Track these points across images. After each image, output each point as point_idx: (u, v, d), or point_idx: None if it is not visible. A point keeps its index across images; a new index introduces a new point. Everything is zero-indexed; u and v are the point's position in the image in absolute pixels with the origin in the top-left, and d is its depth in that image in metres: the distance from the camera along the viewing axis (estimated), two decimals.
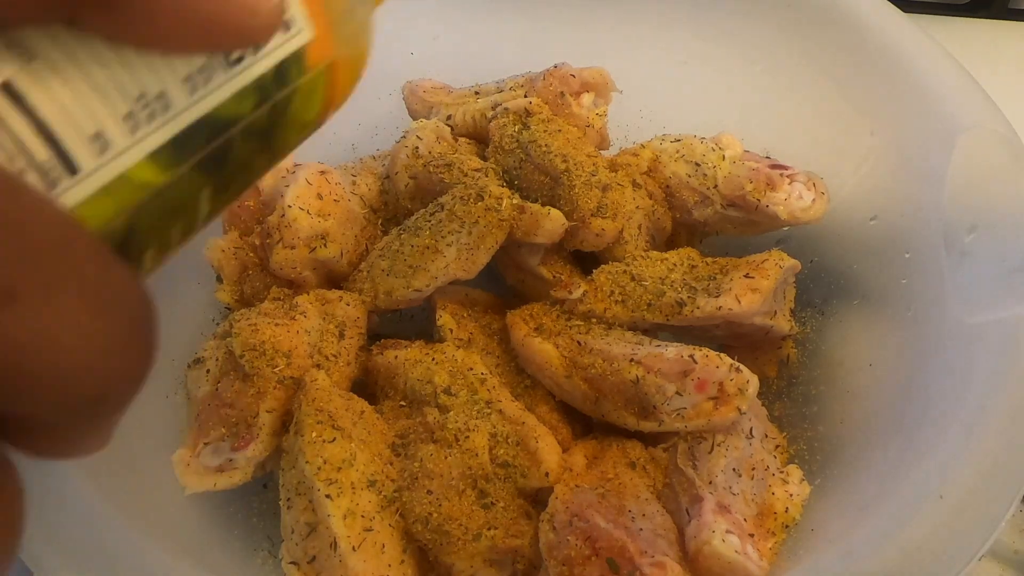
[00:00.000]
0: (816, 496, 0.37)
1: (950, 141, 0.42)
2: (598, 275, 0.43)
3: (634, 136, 0.52)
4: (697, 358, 0.37)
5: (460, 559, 0.35)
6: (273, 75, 0.20)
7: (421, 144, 0.47)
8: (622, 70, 0.49)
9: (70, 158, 0.16)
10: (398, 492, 0.36)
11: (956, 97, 0.43)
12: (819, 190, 0.44)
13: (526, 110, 0.45)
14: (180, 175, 0.18)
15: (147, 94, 0.17)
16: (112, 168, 0.17)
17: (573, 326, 0.42)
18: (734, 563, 0.33)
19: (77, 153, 0.16)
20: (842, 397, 0.42)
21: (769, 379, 0.45)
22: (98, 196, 0.17)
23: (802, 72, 0.51)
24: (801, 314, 0.46)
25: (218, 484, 0.36)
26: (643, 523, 0.35)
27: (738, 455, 0.37)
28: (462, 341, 0.42)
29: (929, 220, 0.42)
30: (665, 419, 0.37)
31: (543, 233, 0.42)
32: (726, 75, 0.54)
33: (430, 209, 0.44)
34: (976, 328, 0.37)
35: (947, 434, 0.34)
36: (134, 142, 0.17)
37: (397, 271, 0.42)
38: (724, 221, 0.45)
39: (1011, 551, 0.43)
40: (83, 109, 0.16)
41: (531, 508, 0.37)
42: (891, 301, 0.43)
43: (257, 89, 0.20)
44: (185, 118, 0.18)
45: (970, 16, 0.69)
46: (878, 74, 0.47)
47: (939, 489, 0.32)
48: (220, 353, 0.39)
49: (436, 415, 0.38)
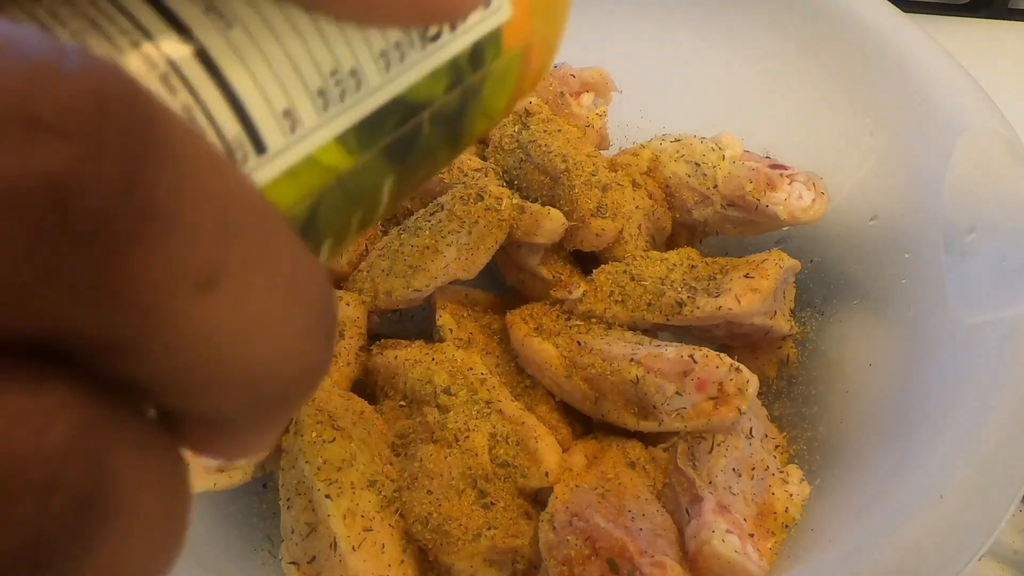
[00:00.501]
0: (816, 496, 0.37)
1: (950, 141, 0.42)
2: (598, 275, 0.43)
3: (634, 136, 0.52)
4: (697, 358, 0.37)
5: (460, 559, 0.35)
6: (469, 55, 0.19)
7: None
8: (622, 70, 0.49)
9: (259, 136, 0.15)
10: (398, 492, 0.36)
11: (956, 97, 0.43)
12: (819, 190, 0.44)
13: (526, 110, 0.45)
14: (367, 160, 0.17)
15: (341, 69, 0.16)
16: (300, 149, 0.15)
17: (573, 326, 0.42)
18: (734, 563, 0.33)
19: (267, 131, 0.15)
20: (842, 397, 0.42)
21: (769, 379, 0.45)
22: (284, 179, 0.15)
23: (802, 72, 0.51)
24: (801, 314, 0.46)
25: (218, 484, 0.36)
26: (643, 523, 0.35)
27: (738, 455, 0.37)
28: (462, 341, 0.42)
29: (929, 220, 0.42)
30: (665, 419, 0.37)
31: (543, 233, 0.42)
32: (726, 75, 0.54)
33: (430, 209, 0.44)
34: (976, 328, 0.37)
35: (947, 434, 0.34)
36: (324, 121, 0.16)
37: (397, 271, 0.42)
38: (724, 221, 0.45)
39: (1011, 551, 0.43)
40: (276, 83, 0.15)
41: (531, 508, 0.37)
42: (891, 301, 0.43)
43: (452, 70, 0.18)
44: (377, 98, 0.17)
45: (970, 16, 0.69)
46: (878, 74, 0.47)
47: (939, 489, 0.32)
48: None
49: (436, 415, 0.38)
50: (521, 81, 0.21)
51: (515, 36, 0.20)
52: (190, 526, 0.13)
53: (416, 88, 0.18)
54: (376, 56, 0.16)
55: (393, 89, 0.17)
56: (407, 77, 0.17)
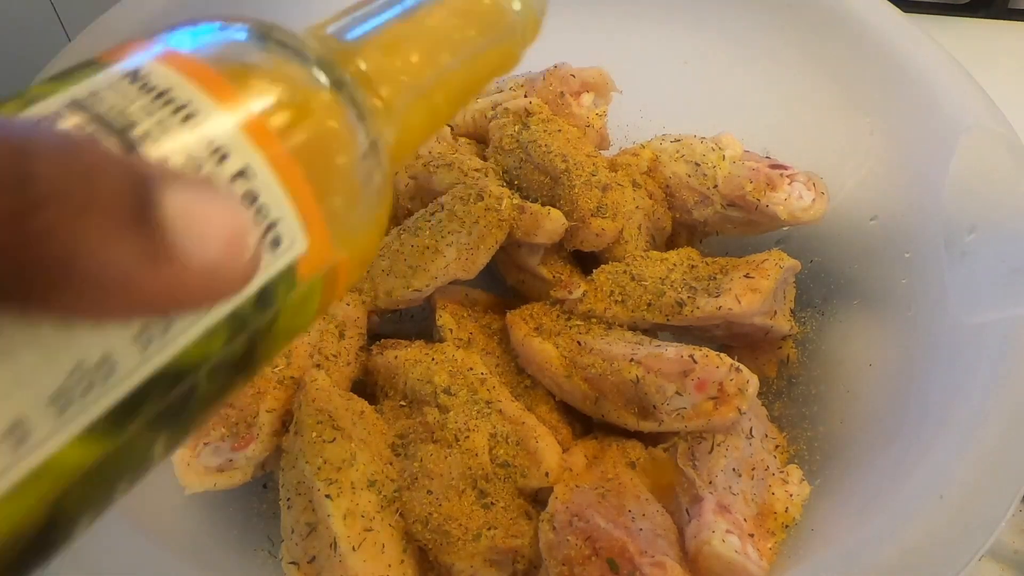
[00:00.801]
0: (816, 496, 0.37)
1: (950, 141, 0.42)
2: (598, 275, 0.43)
3: (634, 136, 0.52)
4: (697, 358, 0.37)
5: (460, 559, 0.35)
6: (255, 301, 0.17)
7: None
8: (622, 70, 0.49)
9: None
10: (398, 492, 0.36)
11: (956, 97, 0.43)
12: (819, 190, 0.44)
13: (526, 110, 0.45)
14: (124, 441, 0.16)
15: (85, 363, 0.14)
16: (30, 461, 0.14)
17: (573, 326, 0.42)
18: (734, 563, 0.33)
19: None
20: (842, 397, 0.42)
21: (769, 379, 0.45)
22: (12, 495, 0.14)
23: (802, 72, 0.51)
24: (801, 314, 0.46)
25: (218, 484, 0.36)
26: (643, 523, 0.35)
27: (738, 455, 0.37)
28: (462, 341, 0.42)
29: (929, 220, 0.42)
30: (665, 419, 0.37)
31: (543, 233, 0.42)
32: (726, 75, 0.54)
33: (430, 209, 0.44)
34: (976, 328, 0.37)
35: (947, 434, 0.34)
36: (63, 423, 0.14)
37: (397, 271, 0.42)
38: (724, 221, 0.45)
39: (1011, 551, 0.43)
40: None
41: (531, 508, 0.37)
42: (891, 301, 0.43)
43: (233, 322, 0.17)
44: (133, 379, 0.15)
45: (970, 16, 0.69)
46: (878, 74, 0.47)
47: (939, 489, 0.32)
48: None
49: (436, 415, 0.38)
50: (328, 295, 0.20)
51: (314, 264, 0.18)
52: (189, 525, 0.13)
53: (186, 353, 0.16)
54: (131, 338, 0.15)
55: (155, 364, 0.16)
56: (173, 347, 0.16)
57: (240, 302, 0.17)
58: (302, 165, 0.18)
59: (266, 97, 0.18)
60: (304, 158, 0.18)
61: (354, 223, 0.20)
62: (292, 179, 0.18)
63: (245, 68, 0.19)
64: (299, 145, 0.18)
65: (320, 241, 0.19)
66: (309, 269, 0.19)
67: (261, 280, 0.17)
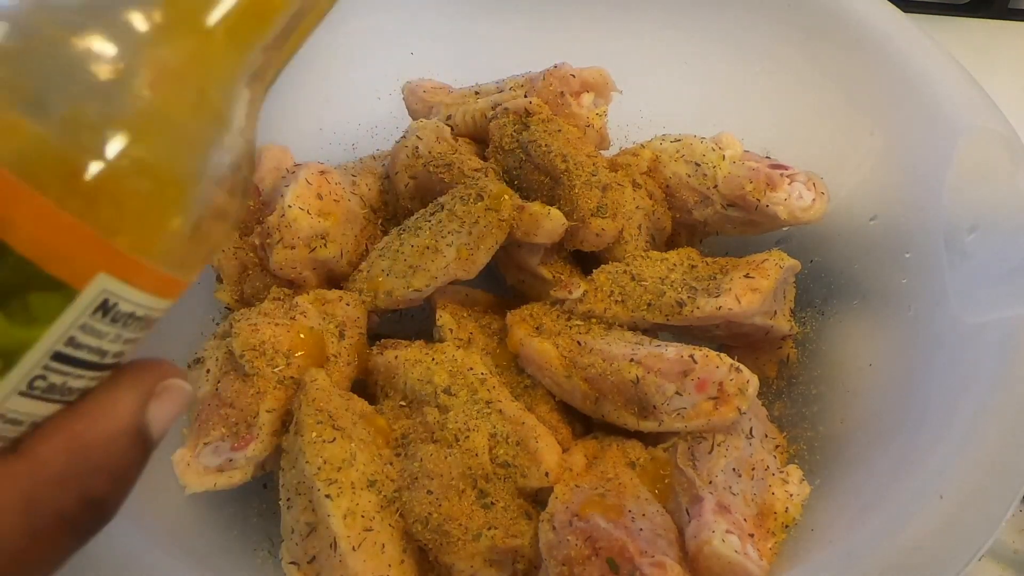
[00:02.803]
0: (816, 496, 0.37)
1: (950, 141, 0.42)
2: (598, 275, 0.43)
3: (634, 136, 0.52)
4: (697, 358, 0.37)
5: (460, 559, 0.35)
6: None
7: (421, 144, 0.47)
8: (622, 70, 0.49)
9: None
10: (398, 492, 0.36)
11: (956, 97, 0.43)
12: (819, 190, 0.44)
13: (526, 110, 0.45)
14: None
15: None
16: None
17: (573, 326, 0.42)
18: (734, 563, 0.33)
19: None
20: (842, 397, 0.42)
21: (769, 379, 0.45)
22: None
23: (802, 72, 0.51)
24: (801, 314, 0.46)
25: (218, 484, 0.36)
26: (643, 523, 0.35)
27: (738, 455, 0.37)
28: (462, 341, 0.42)
29: (929, 220, 0.42)
30: (665, 419, 0.37)
31: (543, 233, 0.42)
32: (726, 75, 0.54)
33: (430, 209, 0.44)
34: (976, 328, 0.37)
35: (947, 434, 0.34)
36: None
37: (397, 271, 0.42)
38: (724, 221, 0.45)
39: (1011, 551, 0.43)
40: None
41: (531, 508, 0.37)
42: (891, 301, 0.43)
43: None
44: None
45: (970, 16, 0.69)
46: (878, 74, 0.47)
47: (939, 489, 0.32)
48: (220, 353, 0.39)
49: (436, 415, 0.38)
50: None
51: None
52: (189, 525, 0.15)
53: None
54: None
55: None
56: None
57: None
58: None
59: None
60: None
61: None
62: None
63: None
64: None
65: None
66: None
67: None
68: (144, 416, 0.21)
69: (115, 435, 0.20)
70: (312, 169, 0.45)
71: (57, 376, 0.19)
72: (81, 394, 0.20)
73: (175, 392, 0.21)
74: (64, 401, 0.20)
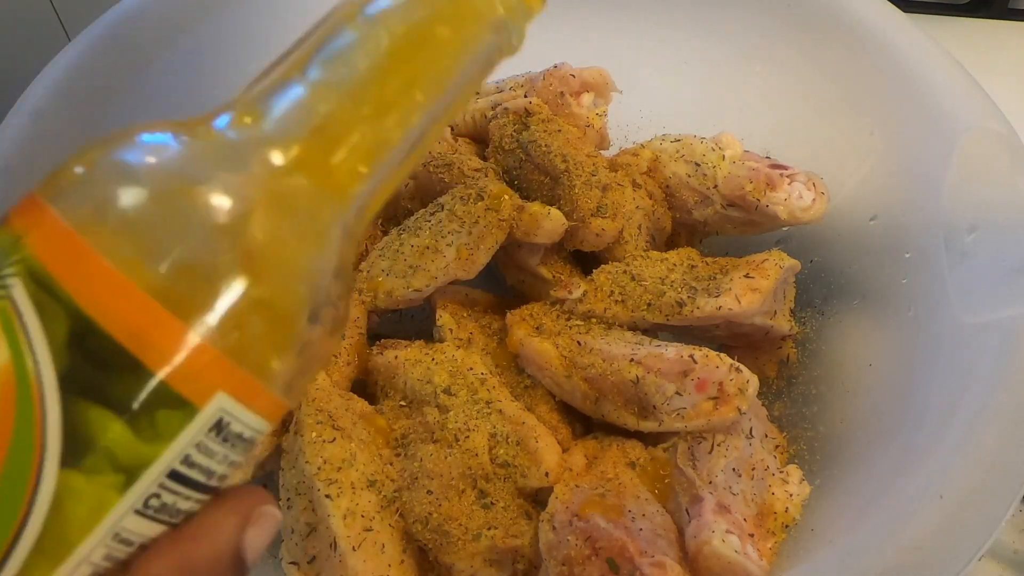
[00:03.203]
0: (816, 496, 0.37)
1: (950, 141, 0.42)
2: (598, 275, 0.43)
3: (634, 136, 0.52)
4: (697, 358, 0.37)
5: (460, 559, 0.35)
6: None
7: None
8: (622, 70, 0.49)
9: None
10: (398, 492, 0.36)
11: (956, 97, 0.43)
12: (819, 190, 0.44)
13: (526, 110, 0.45)
14: None
15: None
16: None
17: (573, 326, 0.42)
18: (734, 563, 0.33)
19: None
20: (842, 397, 0.42)
21: (769, 379, 0.45)
22: None
23: (802, 72, 0.51)
24: (801, 314, 0.46)
25: None
26: (643, 523, 0.35)
27: (738, 455, 0.37)
28: (462, 341, 0.42)
29: (929, 220, 0.42)
30: (665, 419, 0.37)
31: (543, 233, 0.42)
32: (726, 75, 0.54)
33: (430, 209, 0.44)
34: (976, 328, 0.37)
35: (947, 434, 0.34)
36: None
37: (397, 271, 0.42)
38: (724, 221, 0.45)
39: (1011, 551, 0.43)
40: None
41: (531, 508, 0.37)
42: (891, 301, 0.43)
43: None
44: None
45: (970, 16, 0.69)
46: (878, 74, 0.47)
47: (939, 489, 0.32)
48: None
49: (436, 415, 0.38)
50: None
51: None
52: None
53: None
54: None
55: None
56: None
57: None
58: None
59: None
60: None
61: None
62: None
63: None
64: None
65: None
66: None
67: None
68: (243, 542, 0.21)
69: (218, 558, 0.21)
70: None
71: (169, 496, 0.20)
72: (185, 516, 0.21)
73: (269, 519, 0.22)
74: (170, 523, 0.20)
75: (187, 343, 0.19)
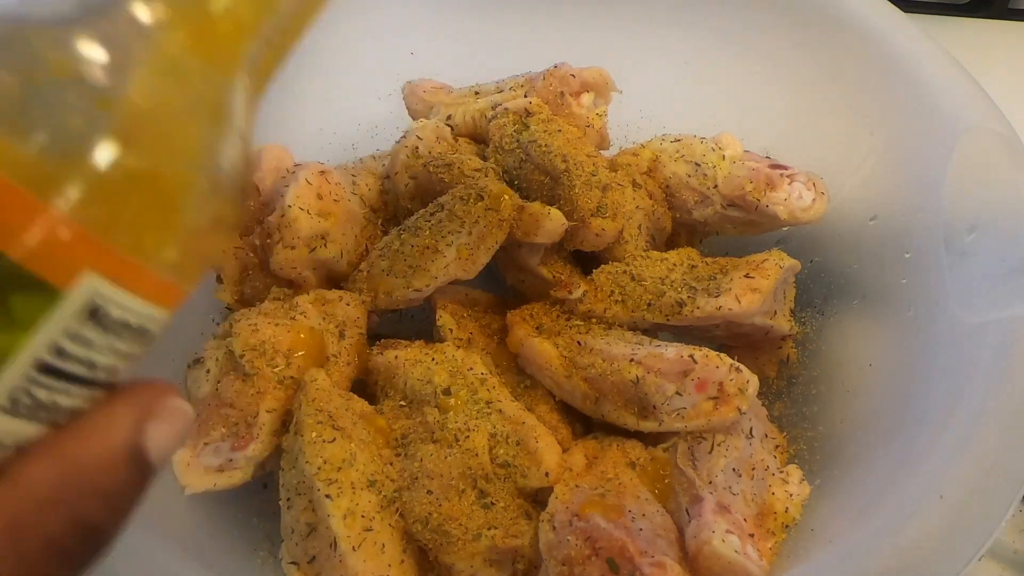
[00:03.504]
0: (816, 496, 0.37)
1: (950, 141, 0.42)
2: (598, 275, 0.43)
3: (634, 136, 0.52)
4: (697, 358, 0.37)
5: (460, 559, 0.35)
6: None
7: (421, 144, 0.47)
8: (622, 70, 0.49)
9: None
10: (398, 492, 0.36)
11: (956, 97, 0.43)
12: (819, 190, 0.44)
13: (526, 110, 0.45)
14: None
15: None
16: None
17: (573, 326, 0.42)
18: (734, 563, 0.33)
19: None
20: (842, 397, 0.42)
21: (769, 379, 0.45)
22: None
23: (802, 72, 0.51)
24: (801, 314, 0.46)
25: (218, 484, 0.36)
26: (643, 523, 0.35)
27: (738, 455, 0.37)
28: (462, 341, 0.42)
29: (929, 220, 0.42)
30: (665, 419, 0.37)
31: (543, 233, 0.42)
32: (726, 75, 0.54)
33: (430, 209, 0.44)
34: (976, 328, 0.37)
35: (947, 434, 0.34)
36: None
37: (397, 271, 0.42)
38: (724, 221, 0.45)
39: (1011, 551, 0.43)
40: None
41: (531, 508, 0.37)
42: (891, 301, 0.43)
43: None
44: None
45: (970, 16, 0.69)
46: (878, 74, 0.47)
47: (939, 489, 0.32)
48: (220, 353, 0.39)
49: (436, 415, 0.38)
50: None
51: None
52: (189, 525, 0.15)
53: None
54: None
55: None
56: None
57: None
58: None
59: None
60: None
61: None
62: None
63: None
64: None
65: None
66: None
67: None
68: (142, 437, 0.19)
69: (110, 456, 0.19)
70: (312, 169, 0.45)
71: (43, 391, 0.18)
72: (71, 415, 0.19)
73: (175, 413, 0.20)
74: (52, 422, 0.18)
75: (40, 218, 0.16)
